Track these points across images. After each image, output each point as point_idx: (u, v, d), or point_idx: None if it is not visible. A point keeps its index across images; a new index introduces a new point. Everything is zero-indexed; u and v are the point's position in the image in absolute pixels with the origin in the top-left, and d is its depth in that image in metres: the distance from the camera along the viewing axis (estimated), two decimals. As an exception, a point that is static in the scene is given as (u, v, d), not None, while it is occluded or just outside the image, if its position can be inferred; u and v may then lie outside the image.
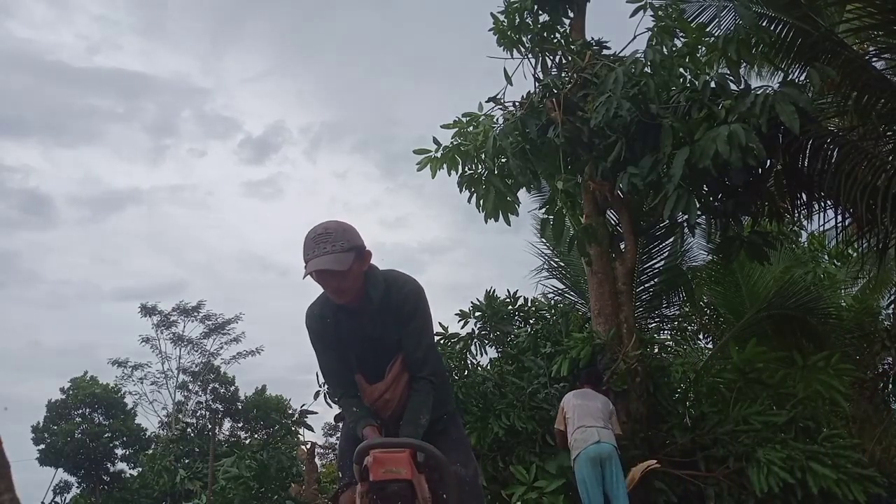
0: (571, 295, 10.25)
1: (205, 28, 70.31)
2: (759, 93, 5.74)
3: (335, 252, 2.41)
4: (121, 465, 28.91)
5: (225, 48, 66.05)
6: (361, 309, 2.59)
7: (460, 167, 7.39)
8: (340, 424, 2.99)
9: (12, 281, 50.51)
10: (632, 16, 7.05)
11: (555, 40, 7.58)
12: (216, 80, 64.98)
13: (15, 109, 61.06)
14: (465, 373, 7.90)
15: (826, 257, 12.51)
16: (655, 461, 6.29)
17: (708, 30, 7.13)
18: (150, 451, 27.73)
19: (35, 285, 49.90)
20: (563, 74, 7.08)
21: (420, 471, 2.29)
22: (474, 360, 8.21)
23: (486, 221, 7.33)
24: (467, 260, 62.97)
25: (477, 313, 8.26)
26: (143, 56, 58.95)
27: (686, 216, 6.11)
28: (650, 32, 6.97)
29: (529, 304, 8.62)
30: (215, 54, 63.81)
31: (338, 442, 3.11)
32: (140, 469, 27.09)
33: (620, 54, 6.92)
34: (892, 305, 10.18)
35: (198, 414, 29.40)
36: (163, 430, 30.26)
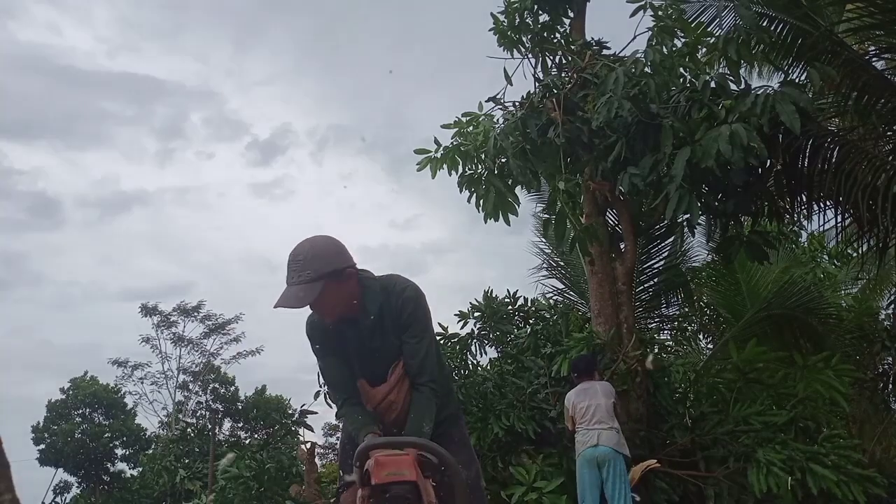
0: (571, 295, 10.26)
1: (222, 33, 70.39)
2: (759, 93, 5.73)
3: (301, 283, 2.33)
4: (121, 465, 28.99)
5: (240, 53, 66.18)
6: (360, 320, 2.55)
7: (460, 167, 7.39)
8: (341, 424, 2.96)
9: (20, 282, 50.63)
10: (632, 16, 7.04)
11: (555, 40, 7.57)
12: (226, 84, 65.30)
13: (26, 113, 61.18)
14: (465, 373, 7.91)
15: (826, 257, 12.53)
16: (655, 461, 6.30)
17: (708, 30, 7.13)
18: (150, 451, 27.75)
19: (42, 286, 50.00)
20: (563, 74, 7.07)
21: (425, 475, 2.21)
22: (474, 360, 8.22)
23: (485, 221, 7.32)
24: (471, 260, 63.04)
25: (476, 313, 8.27)
26: (158, 60, 59.18)
27: (686, 216, 6.11)
28: (650, 32, 6.96)
29: (529, 305, 8.63)
30: (230, 59, 64.04)
31: (338, 442, 3.09)
32: (140, 469, 27.10)
33: (620, 54, 6.90)
34: (892, 305, 10.16)
35: (198, 414, 29.44)
36: (163, 430, 30.30)
